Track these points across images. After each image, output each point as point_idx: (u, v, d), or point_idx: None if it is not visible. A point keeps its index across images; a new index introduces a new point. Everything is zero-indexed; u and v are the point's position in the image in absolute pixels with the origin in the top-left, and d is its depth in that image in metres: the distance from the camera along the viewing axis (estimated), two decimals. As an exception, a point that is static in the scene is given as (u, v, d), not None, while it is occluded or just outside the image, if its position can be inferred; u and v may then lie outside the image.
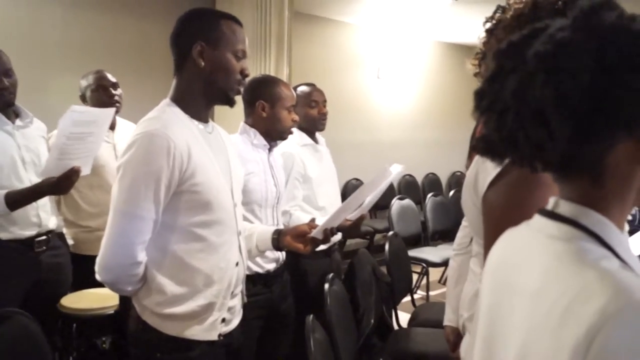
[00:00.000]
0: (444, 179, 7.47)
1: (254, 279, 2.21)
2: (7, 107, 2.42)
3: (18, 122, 2.48)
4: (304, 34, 5.47)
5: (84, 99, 2.87)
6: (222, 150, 1.68)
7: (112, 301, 2.50)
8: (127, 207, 1.46)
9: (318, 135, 2.89)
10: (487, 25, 1.30)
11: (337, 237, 2.74)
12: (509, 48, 0.75)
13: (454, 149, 7.18)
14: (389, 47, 6.64)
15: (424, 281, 4.62)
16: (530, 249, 0.80)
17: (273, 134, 2.35)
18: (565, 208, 0.76)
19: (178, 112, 1.56)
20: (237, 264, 1.66)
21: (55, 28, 4.07)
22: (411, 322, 3.26)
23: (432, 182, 7.16)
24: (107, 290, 2.53)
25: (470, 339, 1.37)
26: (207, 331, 1.58)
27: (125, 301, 1.71)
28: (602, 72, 0.66)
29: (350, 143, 6.02)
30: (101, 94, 2.82)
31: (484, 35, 1.31)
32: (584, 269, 0.68)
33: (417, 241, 5.10)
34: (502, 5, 1.28)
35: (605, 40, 0.67)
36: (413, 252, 4.47)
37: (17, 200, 2.28)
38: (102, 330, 2.61)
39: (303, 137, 2.78)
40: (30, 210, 2.43)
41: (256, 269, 2.23)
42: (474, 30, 5.80)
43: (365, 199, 2.18)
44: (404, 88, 6.94)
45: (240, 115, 2.37)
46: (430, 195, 5.44)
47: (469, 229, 1.36)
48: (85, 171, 2.31)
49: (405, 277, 3.55)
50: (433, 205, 5.33)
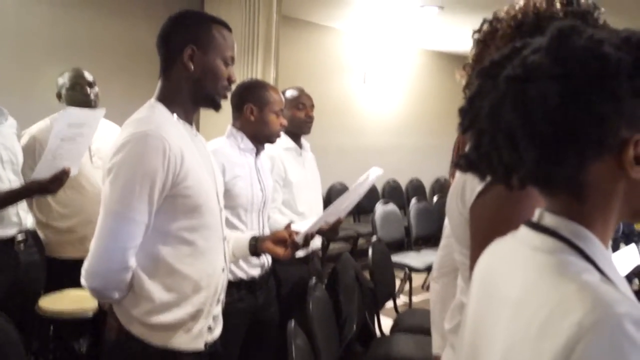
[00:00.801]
0: (427, 184, 7.51)
1: (239, 285, 2.20)
2: None
3: None
4: (291, 38, 5.47)
5: (59, 96, 2.82)
6: (206, 154, 1.66)
7: (92, 303, 2.45)
8: (121, 209, 1.40)
9: (303, 141, 2.88)
10: (476, 36, 1.30)
11: (316, 244, 2.75)
12: (490, 67, 0.76)
13: (438, 155, 7.22)
14: (375, 53, 6.68)
15: (407, 287, 4.63)
16: (515, 259, 0.81)
17: (261, 137, 2.34)
18: (550, 220, 0.77)
19: (166, 113, 1.53)
20: (222, 269, 1.64)
21: (41, 25, 4.04)
22: (394, 328, 3.26)
23: (416, 187, 7.21)
24: (86, 293, 2.51)
25: (452, 352, 1.36)
26: (194, 340, 1.54)
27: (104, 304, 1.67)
28: (568, 98, 0.68)
29: (335, 147, 6.04)
30: (76, 92, 2.76)
31: (473, 47, 1.31)
32: (564, 281, 0.69)
33: (400, 246, 5.11)
34: (488, 18, 1.28)
35: (570, 65, 0.69)
36: (396, 257, 4.49)
37: (5, 200, 2.29)
38: (80, 333, 2.55)
39: (287, 140, 2.77)
40: (11, 209, 2.42)
41: (240, 274, 2.22)
42: (460, 39, 5.88)
43: (343, 204, 2.18)
44: (389, 94, 6.98)
45: (225, 119, 2.37)
46: (414, 200, 5.47)
47: (452, 239, 1.35)
48: (73, 172, 2.31)
49: (388, 283, 3.55)
50: (417, 211, 5.35)
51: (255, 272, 2.27)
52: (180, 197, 1.47)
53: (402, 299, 4.79)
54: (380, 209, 4.94)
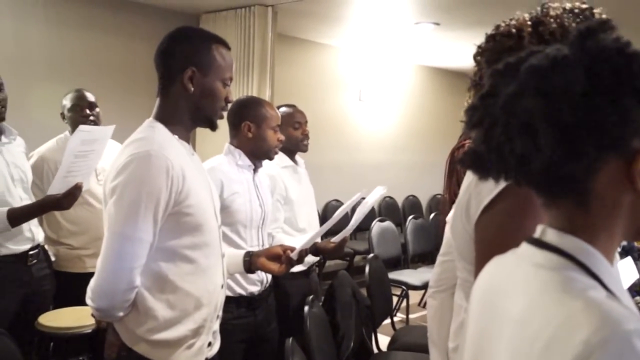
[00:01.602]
0: (424, 201, 7.51)
1: (238, 302, 2.19)
2: None
3: (3, 139, 2.51)
4: (286, 55, 5.50)
5: (63, 117, 2.90)
6: (202, 172, 1.67)
7: (90, 320, 2.46)
8: (126, 230, 1.40)
9: (298, 157, 2.89)
10: (478, 57, 1.30)
11: (314, 259, 2.75)
12: (505, 68, 0.76)
13: (434, 172, 7.18)
14: (370, 70, 6.72)
15: (404, 304, 4.61)
16: (516, 276, 0.80)
17: (259, 154, 2.34)
18: (552, 236, 0.76)
19: (166, 133, 1.53)
20: (221, 286, 1.65)
21: (40, 44, 4.05)
22: (391, 345, 3.24)
23: (413, 204, 7.20)
24: (85, 310, 2.52)
25: None
26: (195, 356, 1.55)
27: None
28: (593, 90, 0.68)
29: (331, 164, 6.04)
30: (77, 114, 2.82)
31: (474, 65, 1.31)
32: (570, 298, 0.68)
33: (397, 263, 5.09)
34: (491, 33, 1.27)
35: (598, 59, 0.69)
36: (393, 275, 4.47)
37: (19, 217, 2.36)
38: (79, 349, 2.57)
39: (283, 158, 2.77)
40: (24, 225, 2.48)
41: (240, 291, 2.21)
42: (456, 55, 5.90)
43: (350, 222, 2.19)
44: (385, 111, 7.00)
45: (221, 136, 2.36)
46: (410, 217, 5.46)
47: (455, 254, 1.34)
48: (85, 186, 2.39)
49: (385, 300, 3.54)
50: (413, 228, 5.35)
51: (255, 288, 2.26)
52: (182, 215, 1.48)
53: (398, 317, 4.76)
54: (377, 226, 4.93)
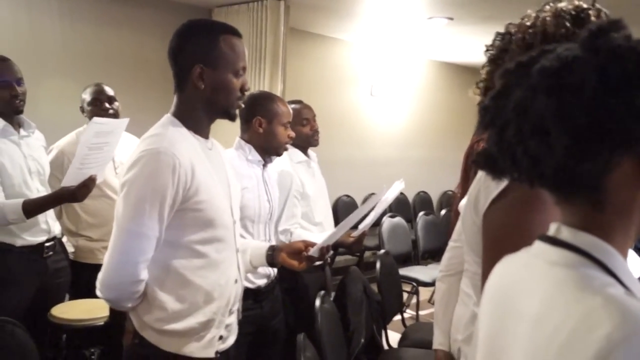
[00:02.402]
0: (435, 197, 7.48)
1: (245, 294, 2.19)
2: (16, 115, 2.51)
3: (22, 132, 2.56)
4: (298, 50, 5.49)
5: (82, 110, 2.94)
6: (221, 167, 1.67)
7: (102, 312, 2.51)
8: (132, 225, 1.44)
9: (310, 152, 2.90)
10: (488, 54, 1.29)
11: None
12: (516, 67, 0.76)
13: (445, 168, 7.20)
14: (383, 65, 6.69)
15: (414, 300, 4.60)
16: (531, 274, 0.79)
17: (269, 149, 2.35)
18: (567, 234, 0.75)
19: (181, 129, 1.55)
20: (235, 281, 1.66)
21: (54, 39, 4.07)
22: (401, 342, 3.24)
23: (423, 200, 7.17)
24: (98, 302, 2.57)
25: None
26: (204, 348, 1.57)
27: (115, 313, 1.70)
28: (605, 89, 0.67)
29: (343, 160, 6.02)
30: (97, 107, 2.87)
31: (486, 63, 1.30)
32: (588, 295, 0.67)
33: (407, 260, 5.08)
34: (501, 32, 1.27)
35: (610, 58, 0.68)
36: (403, 271, 4.46)
37: (34, 208, 2.39)
38: (91, 341, 2.60)
39: (297, 154, 2.79)
40: (41, 217, 2.53)
41: (246, 284, 2.21)
42: (469, 50, 5.85)
43: (369, 216, 2.20)
44: (397, 106, 6.97)
45: (234, 130, 2.37)
46: (421, 213, 5.44)
47: (464, 247, 1.34)
48: (99, 179, 2.42)
49: (395, 296, 3.54)
50: (424, 224, 5.33)
51: (261, 281, 2.28)
52: (191, 211, 1.49)
53: (408, 313, 4.75)
54: (387, 222, 4.92)
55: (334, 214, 3.68)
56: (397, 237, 4.96)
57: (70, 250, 2.89)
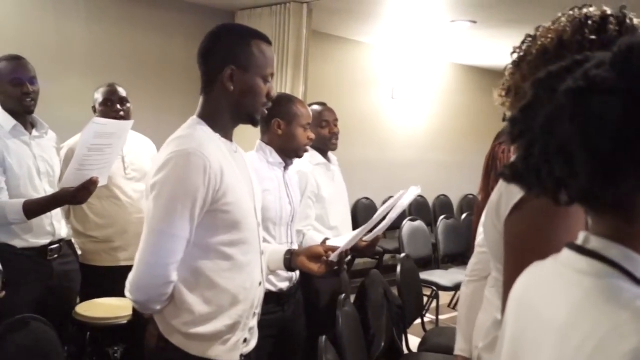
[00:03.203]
0: (455, 201, 7.43)
1: (267, 298, 2.18)
2: (27, 114, 2.49)
3: (34, 132, 2.55)
4: (320, 52, 5.50)
5: (94, 110, 2.91)
6: (245, 169, 1.68)
7: (125, 311, 2.53)
8: (164, 227, 1.44)
9: (330, 154, 2.89)
10: (514, 56, 1.28)
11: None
12: (546, 78, 0.74)
13: (466, 172, 7.15)
14: (404, 68, 6.67)
15: (434, 304, 4.58)
16: (558, 283, 0.78)
17: (289, 151, 2.35)
18: (596, 244, 0.74)
19: (208, 131, 1.55)
20: (259, 283, 1.67)
21: (80, 41, 4.13)
22: (421, 346, 3.22)
23: (444, 204, 7.13)
24: (120, 301, 2.60)
25: None
26: (230, 352, 1.57)
27: (139, 313, 1.71)
28: (632, 114, 0.65)
29: (363, 162, 6.01)
30: (108, 108, 2.83)
31: (510, 66, 1.29)
32: (617, 307, 0.66)
33: (427, 264, 5.06)
34: (531, 34, 1.25)
35: (637, 81, 0.66)
36: (423, 275, 4.44)
37: (35, 209, 2.34)
38: (115, 339, 2.62)
39: (316, 156, 2.78)
40: (45, 219, 2.49)
41: (269, 287, 2.22)
42: (492, 53, 5.79)
43: (383, 221, 2.19)
44: (418, 109, 6.95)
45: (255, 133, 2.37)
46: (442, 217, 5.42)
47: (488, 253, 1.33)
48: (102, 182, 2.35)
49: (416, 301, 3.52)
50: (445, 228, 5.30)
51: (284, 285, 2.28)
52: (220, 212, 1.50)
53: (428, 317, 4.72)
54: (407, 225, 4.90)
55: (353, 217, 3.68)
56: (417, 240, 4.93)
57: (78, 252, 2.87)
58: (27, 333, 1.92)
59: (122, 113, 2.84)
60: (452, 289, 4.51)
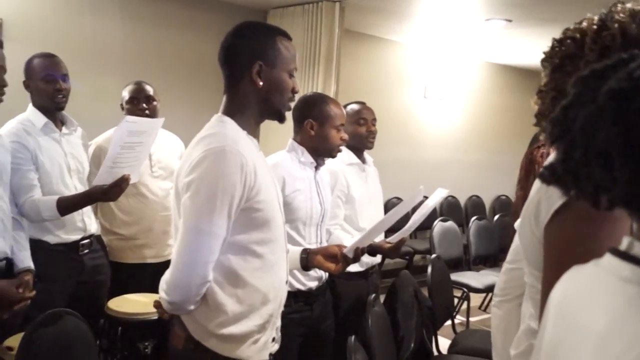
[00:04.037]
0: (487, 202, 7.33)
1: (296, 296, 2.20)
2: (57, 111, 2.54)
3: (64, 129, 2.60)
4: (352, 51, 5.48)
5: (122, 108, 2.94)
6: (268, 167, 1.68)
7: None
8: (203, 225, 1.42)
9: (366, 155, 2.86)
10: (552, 61, 1.24)
11: (375, 260, 2.72)
12: (589, 76, 0.72)
13: (499, 172, 7.05)
14: (436, 67, 6.61)
15: (464, 306, 4.53)
16: (599, 289, 0.76)
17: (321, 152, 2.34)
18: None
19: (236, 128, 1.55)
20: (286, 282, 1.67)
21: (115, 40, 4.20)
22: (451, 348, 3.19)
23: (476, 204, 7.05)
24: (149, 297, 2.62)
25: None
26: (260, 351, 1.57)
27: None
28: None
29: (394, 161, 5.97)
30: (134, 106, 2.86)
31: (545, 71, 1.25)
32: None
33: (457, 265, 5.00)
34: (559, 38, 1.22)
35: None
36: (454, 276, 4.39)
37: (68, 206, 2.40)
38: (145, 335, 2.63)
39: (350, 155, 2.76)
40: (77, 215, 2.55)
41: (298, 286, 2.23)
42: (527, 52, 5.67)
43: (408, 222, 2.17)
44: (450, 108, 6.88)
45: (284, 132, 2.37)
46: (474, 218, 5.35)
47: (524, 260, 1.30)
48: (133, 179, 2.39)
49: (446, 302, 3.49)
50: (476, 229, 5.23)
51: (313, 284, 2.28)
52: (253, 210, 1.49)
53: (458, 319, 4.67)
54: (438, 226, 4.85)
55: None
56: (448, 241, 4.89)
57: None
58: (60, 327, 1.95)
59: (147, 111, 2.85)
60: (483, 290, 4.46)
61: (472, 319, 4.54)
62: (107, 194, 2.34)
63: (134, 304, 2.62)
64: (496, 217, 5.78)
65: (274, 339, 1.63)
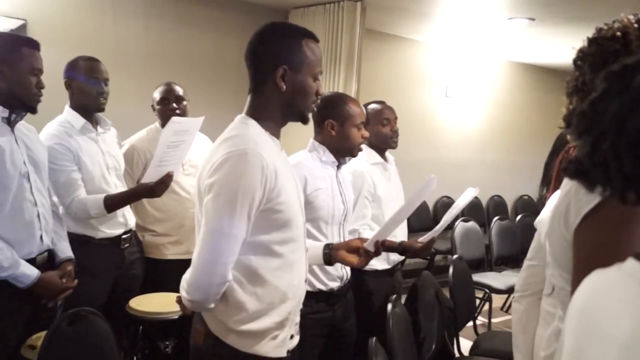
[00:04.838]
0: (509, 202, 7.25)
1: (317, 296, 2.20)
2: (97, 112, 2.65)
3: (99, 129, 2.69)
4: (373, 51, 5.46)
5: (153, 109, 3.03)
6: (290, 167, 1.70)
7: (177, 306, 2.53)
8: (223, 227, 1.45)
9: (388, 154, 2.87)
10: (579, 62, 1.23)
11: (399, 258, 2.74)
12: (621, 71, 0.71)
13: (521, 172, 6.98)
14: (458, 66, 6.55)
15: (486, 307, 4.49)
16: (621, 295, 0.74)
17: (343, 151, 2.35)
18: None
19: (259, 129, 1.56)
20: (305, 280, 1.69)
21: (136, 39, 4.24)
22: (473, 350, 3.17)
23: (498, 205, 6.98)
24: (174, 296, 2.63)
25: None
26: (278, 347, 1.59)
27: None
28: None
29: (416, 161, 5.93)
30: (165, 107, 2.95)
31: (574, 70, 1.24)
32: None
33: (479, 265, 4.96)
34: (593, 37, 1.20)
35: None
36: (476, 277, 4.36)
37: (115, 203, 2.54)
38: (166, 334, 2.66)
39: (373, 155, 2.77)
40: (118, 211, 2.65)
41: (319, 286, 2.23)
42: (550, 51, 5.60)
43: (440, 222, 2.16)
44: (472, 107, 6.82)
45: (305, 132, 2.36)
46: (496, 218, 5.29)
47: (551, 262, 1.28)
48: (175, 176, 2.54)
49: (468, 303, 3.46)
50: (498, 229, 5.18)
51: (334, 284, 2.28)
52: (273, 212, 1.51)
53: (480, 320, 4.64)
54: (460, 226, 4.82)
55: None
56: (469, 241, 4.85)
57: None
58: (82, 326, 1.98)
59: (178, 111, 2.93)
60: (505, 291, 4.42)
61: (494, 320, 4.51)
62: (154, 191, 2.49)
63: (155, 303, 2.64)
64: (518, 217, 5.72)
65: (292, 336, 1.65)
